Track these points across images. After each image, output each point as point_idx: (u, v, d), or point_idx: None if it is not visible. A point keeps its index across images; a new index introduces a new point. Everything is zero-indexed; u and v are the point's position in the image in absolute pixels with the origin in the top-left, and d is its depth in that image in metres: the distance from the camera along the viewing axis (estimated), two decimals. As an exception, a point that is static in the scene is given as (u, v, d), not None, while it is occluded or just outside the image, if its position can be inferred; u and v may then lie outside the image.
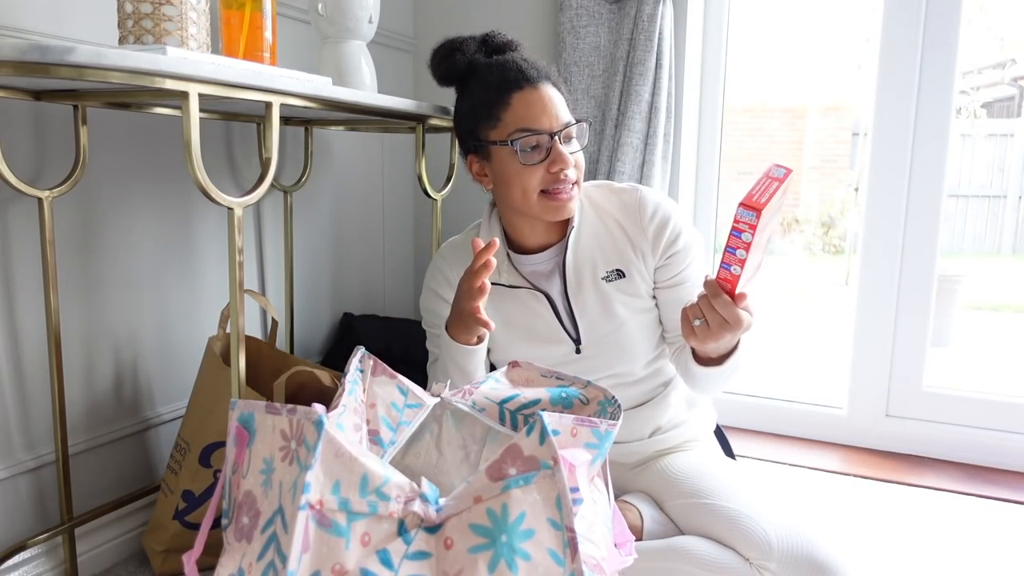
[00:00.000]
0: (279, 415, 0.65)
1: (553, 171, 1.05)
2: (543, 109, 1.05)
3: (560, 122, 1.06)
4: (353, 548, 0.58)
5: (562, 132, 1.06)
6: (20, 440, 1.21)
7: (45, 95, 1.10)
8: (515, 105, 1.06)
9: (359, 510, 0.60)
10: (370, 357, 0.87)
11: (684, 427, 1.20)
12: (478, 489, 0.62)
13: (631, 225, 1.13)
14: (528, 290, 1.13)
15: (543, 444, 0.62)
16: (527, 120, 1.05)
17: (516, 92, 1.06)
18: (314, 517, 0.58)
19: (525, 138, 1.05)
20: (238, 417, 0.68)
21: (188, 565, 0.69)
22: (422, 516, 0.61)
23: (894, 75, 1.60)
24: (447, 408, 0.87)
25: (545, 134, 1.05)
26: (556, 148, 1.05)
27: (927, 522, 1.44)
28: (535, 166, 1.05)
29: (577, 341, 1.13)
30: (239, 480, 0.67)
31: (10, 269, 1.17)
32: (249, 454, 0.66)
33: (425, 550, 0.61)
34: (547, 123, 1.05)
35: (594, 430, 0.68)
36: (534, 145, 1.05)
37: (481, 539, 0.60)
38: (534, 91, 1.06)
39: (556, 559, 0.59)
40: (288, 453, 0.63)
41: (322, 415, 0.60)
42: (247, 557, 0.63)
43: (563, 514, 0.60)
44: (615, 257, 1.13)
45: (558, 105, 1.07)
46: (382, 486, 0.61)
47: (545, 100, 1.06)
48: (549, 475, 0.61)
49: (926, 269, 1.63)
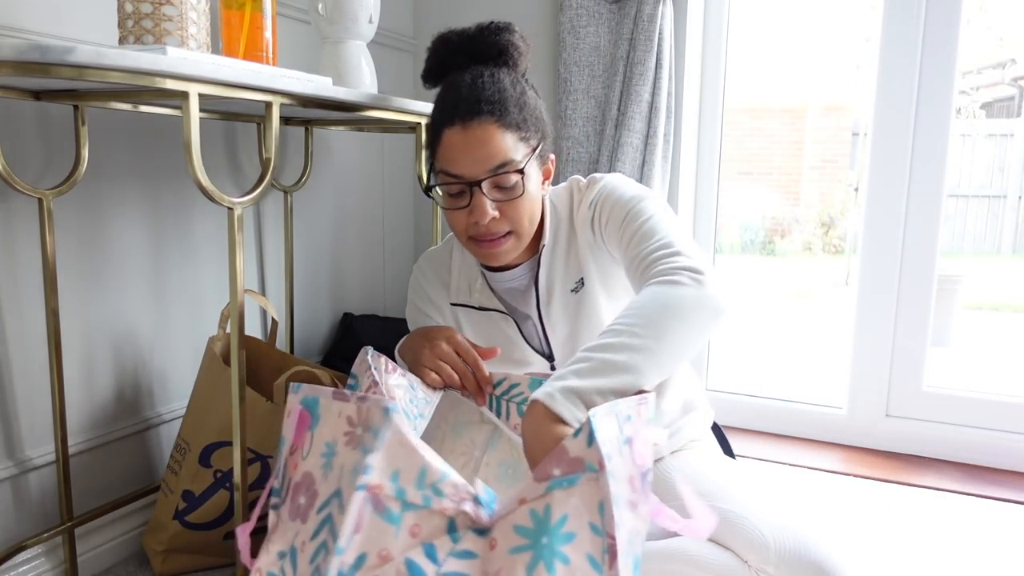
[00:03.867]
0: (347, 402, 0.66)
1: (471, 221, 0.97)
2: (465, 152, 0.94)
3: (484, 168, 0.94)
4: (402, 537, 0.59)
5: (483, 181, 0.94)
6: (20, 440, 1.21)
7: (45, 95, 1.10)
8: (443, 142, 0.97)
9: (413, 501, 0.60)
10: (381, 356, 0.89)
11: (679, 434, 1.19)
12: (523, 490, 0.61)
13: (584, 220, 1.05)
14: (499, 313, 1.10)
15: (591, 446, 0.59)
16: (448, 162, 0.96)
17: (447, 128, 0.96)
18: (370, 500, 0.59)
19: (445, 182, 0.97)
20: (301, 400, 0.69)
21: (242, 538, 0.70)
22: (473, 518, 0.61)
23: (894, 75, 1.60)
24: (450, 415, 0.89)
25: (464, 183, 0.95)
26: (476, 198, 0.95)
27: (927, 522, 1.44)
28: (459, 211, 0.98)
29: (550, 357, 1.11)
30: (297, 461, 0.68)
31: (10, 269, 1.17)
32: (311, 437, 0.67)
33: (472, 550, 0.61)
34: (467, 169, 0.95)
35: (646, 408, 0.66)
36: (457, 191, 0.97)
37: (523, 540, 0.59)
38: (462, 131, 0.94)
39: (594, 565, 0.58)
40: (353, 438, 0.64)
41: (393, 403, 0.61)
42: (300, 536, 0.64)
43: (604, 520, 0.58)
44: (575, 266, 1.07)
45: (488, 147, 0.94)
46: (439, 482, 0.61)
47: (471, 142, 0.94)
48: (593, 479, 0.59)
49: (926, 269, 1.63)
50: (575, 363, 0.80)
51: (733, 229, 5.47)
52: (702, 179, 1.83)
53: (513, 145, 0.96)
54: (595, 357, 0.80)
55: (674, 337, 0.85)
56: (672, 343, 0.85)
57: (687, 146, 1.76)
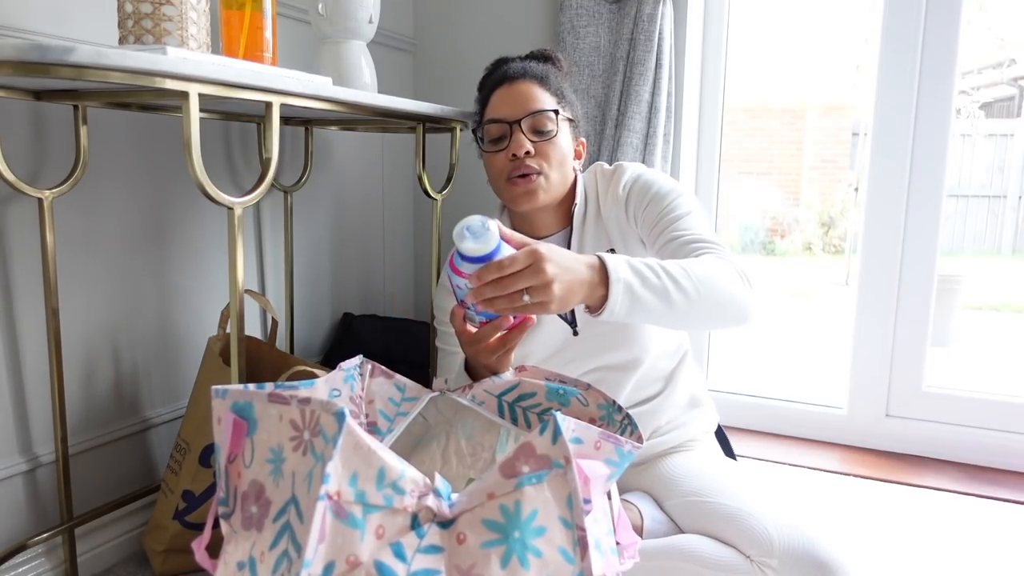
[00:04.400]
0: (287, 405, 0.64)
1: (509, 156, 1.11)
2: (509, 101, 1.13)
3: (524, 110, 1.11)
4: (368, 540, 0.59)
5: (523, 120, 1.11)
6: (20, 440, 1.21)
7: (45, 95, 1.10)
8: (491, 101, 1.16)
9: (375, 503, 0.60)
10: (369, 362, 0.89)
11: (684, 428, 1.20)
12: (491, 486, 0.62)
13: (614, 200, 1.16)
14: None
15: (555, 443, 0.62)
16: (493, 112, 1.15)
17: (495, 91, 1.16)
18: (331, 508, 0.58)
19: (488, 126, 1.15)
20: (232, 406, 0.67)
21: (199, 552, 0.69)
22: (435, 511, 0.62)
23: (894, 75, 1.60)
24: (456, 418, 0.88)
25: (505, 122, 1.12)
26: (514, 135, 1.11)
27: (927, 522, 1.44)
28: (498, 153, 1.13)
29: (573, 323, 1.16)
30: (239, 469, 0.66)
31: (10, 269, 1.17)
32: (251, 443, 0.66)
33: (437, 544, 0.61)
34: (508, 112, 1.12)
35: (617, 448, 0.68)
36: (499, 135, 1.13)
37: (494, 535, 0.60)
38: (509, 87, 1.14)
39: (566, 557, 0.60)
40: (301, 443, 0.63)
41: (343, 407, 0.60)
42: (258, 546, 0.63)
43: (574, 513, 0.60)
44: (604, 237, 1.16)
45: (529, 98, 1.12)
46: (398, 480, 0.61)
47: (514, 94, 1.13)
48: (561, 474, 0.61)
49: (926, 269, 1.63)
50: (640, 261, 0.89)
51: (733, 229, 5.47)
52: (702, 179, 1.83)
53: (550, 102, 1.13)
54: (655, 268, 0.89)
55: (703, 308, 0.92)
56: (698, 311, 0.92)
57: (687, 146, 1.76)
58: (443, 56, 1.95)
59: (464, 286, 0.84)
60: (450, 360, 1.19)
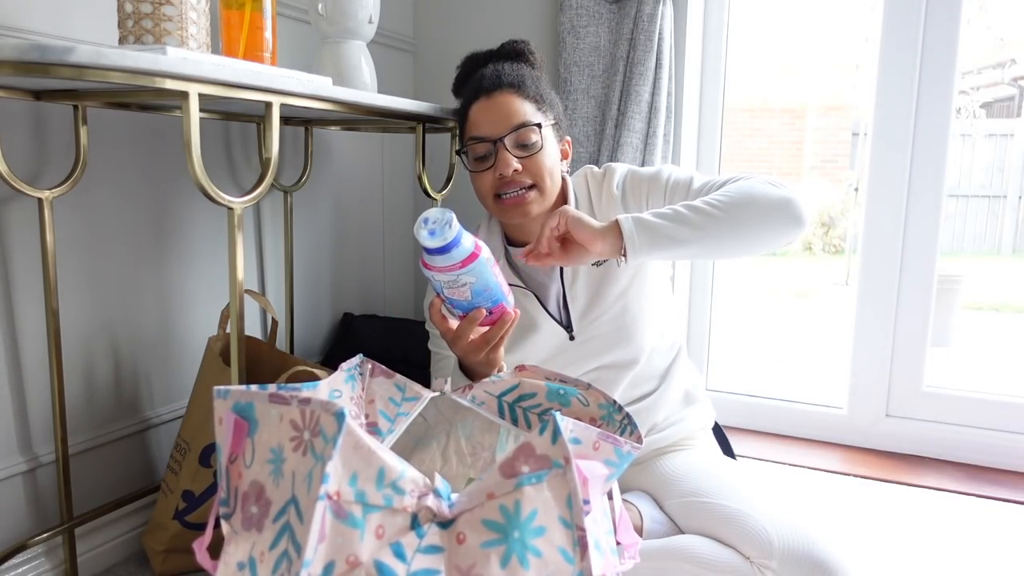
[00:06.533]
0: (288, 405, 0.64)
1: (496, 175, 1.09)
2: (489, 118, 1.10)
3: (506, 127, 1.08)
4: (368, 540, 0.59)
5: (506, 138, 1.08)
6: (20, 440, 1.21)
7: (45, 95, 1.10)
8: (471, 116, 1.13)
9: (375, 503, 0.60)
10: (369, 361, 0.89)
11: (681, 424, 1.20)
12: (491, 486, 0.62)
13: (609, 200, 1.15)
14: (519, 288, 1.16)
15: (555, 443, 0.62)
16: (474, 129, 1.12)
17: (473, 104, 1.12)
18: (331, 508, 0.58)
19: (472, 145, 1.11)
20: (233, 406, 0.67)
21: (200, 552, 0.69)
22: (435, 511, 0.62)
23: (894, 75, 1.60)
24: (456, 418, 0.88)
25: (488, 141, 1.09)
26: (499, 153, 1.08)
27: (927, 522, 1.44)
28: (484, 172, 1.11)
29: (569, 328, 1.16)
30: (240, 469, 0.67)
31: (10, 269, 1.17)
32: (252, 444, 0.66)
33: (437, 544, 0.61)
34: (491, 130, 1.09)
35: (616, 448, 0.68)
36: (483, 153, 1.11)
37: (494, 535, 0.60)
38: (487, 100, 1.10)
39: (566, 557, 0.60)
40: (301, 443, 0.63)
41: (343, 407, 0.60)
42: (258, 546, 0.63)
43: (574, 513, 0.61)
44: None
45: (509, 112, 1.09)
46: (398, 480, 0.61)
47: (493, 108, 1.10)
48: (560, 474, 0.61)
49: (926, 269, 1.63)
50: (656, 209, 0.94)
51: (733, 229, 5.45)
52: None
53: (531, 112, 1.10)
54: (675, 208, 0.92)
55: (749, 227, 0.94)
56: (744, 231, 0.94)
57: (687, 146, 1.76)
58: (443, 56, 1.95)
59: (435, 279, 0.87)
60: (443, 364, 1.19)
